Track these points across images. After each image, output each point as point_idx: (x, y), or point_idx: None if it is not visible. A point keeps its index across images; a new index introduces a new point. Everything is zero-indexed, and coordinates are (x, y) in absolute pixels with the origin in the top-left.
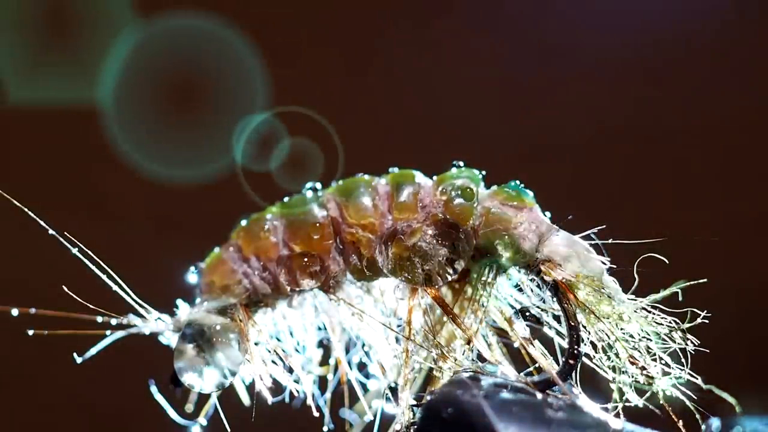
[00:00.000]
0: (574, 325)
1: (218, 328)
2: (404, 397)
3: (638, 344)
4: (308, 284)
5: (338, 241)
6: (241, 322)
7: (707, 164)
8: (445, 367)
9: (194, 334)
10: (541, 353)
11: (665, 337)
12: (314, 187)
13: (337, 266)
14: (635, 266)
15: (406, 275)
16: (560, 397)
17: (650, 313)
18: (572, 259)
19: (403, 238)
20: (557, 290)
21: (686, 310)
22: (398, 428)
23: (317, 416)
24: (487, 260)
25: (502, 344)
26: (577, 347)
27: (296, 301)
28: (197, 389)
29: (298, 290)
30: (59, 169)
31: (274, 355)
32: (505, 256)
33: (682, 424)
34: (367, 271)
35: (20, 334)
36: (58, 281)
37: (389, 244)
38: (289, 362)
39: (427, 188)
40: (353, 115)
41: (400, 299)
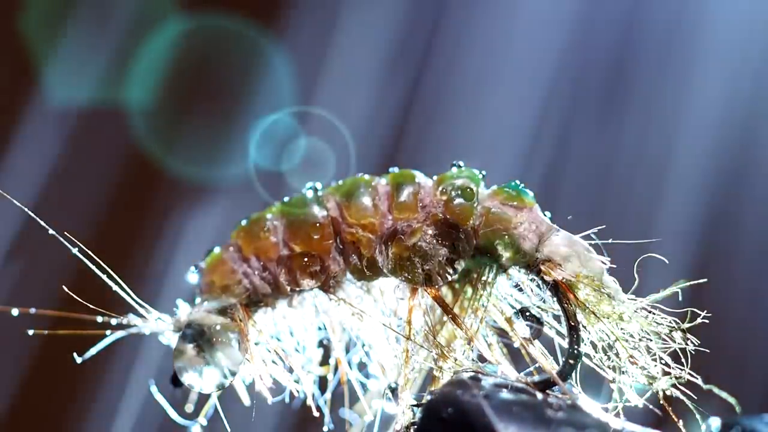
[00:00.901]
0: (574, 325)
1: (218, 328)
2: (404, 397)
3: (638, 344)
4: (308, 284)
5: (338, 241)
6: (241, 322)
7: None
8: (445, 367)
9: (194, 334)
10: (541, 353)
11: (665, 337)
12: (314, 187)
13: (337, 266)
14: (635, 266)
15: (406, 275)
16: (560, 397)
17: (650, 313)
18: (572, 258)
19: (403, 238)
20: (557, 290)
21: (686, 310)
22: (398, 428)
23: (317, 416)
24: (487, 260)
25: (502, 344)
26: (577, 347)
27: (296, 301)
28: (197, 389)
29: (298, 290)
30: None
31: (274, 355)
32: (505, 256)
33: (682, 424)
34: (367, 271)
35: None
36: (58, 281)
37: (389, 244)
38: (289, 362)
39: (427, 188)
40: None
41: (400, 299)
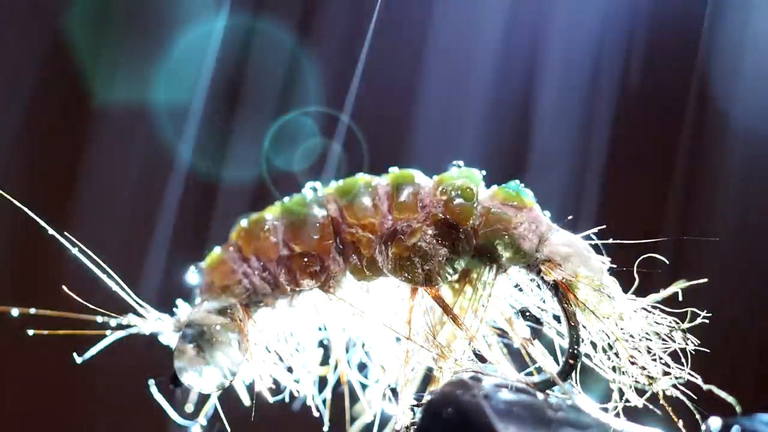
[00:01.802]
0: (574, 325)
1: (218, 328)
2: (404, 397)
3: (638, 344)
4: (308, 284)
5: (338, 241)
6: (241, 322)
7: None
8: (445, 367)
9: (194, 334)
10: (541, 353)
11: (665, 337)
12: (314, 187)
13: (337, 266)
14: (635, 266)
15: (406, 275)
16: (560, 397)
17: (650, 313)
18: (572, 259)
19: (403, 238)
20: (557, 290)
21: (686, 310)
22: (398, 428)
23: (317, 416)
24: (487, 260)
25: (502, 344)
26: (577, 347)
27: (296, 300)
28: (197, 389)
29: (298, 290)
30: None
31: (274, 355)
32: (505, 256)
33: (682, 424)
34: (367, 271)
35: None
36: (57, 281)
37: (389, 244)
38: (289, 362)
39: (427, 188)
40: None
41: (400, 299)
